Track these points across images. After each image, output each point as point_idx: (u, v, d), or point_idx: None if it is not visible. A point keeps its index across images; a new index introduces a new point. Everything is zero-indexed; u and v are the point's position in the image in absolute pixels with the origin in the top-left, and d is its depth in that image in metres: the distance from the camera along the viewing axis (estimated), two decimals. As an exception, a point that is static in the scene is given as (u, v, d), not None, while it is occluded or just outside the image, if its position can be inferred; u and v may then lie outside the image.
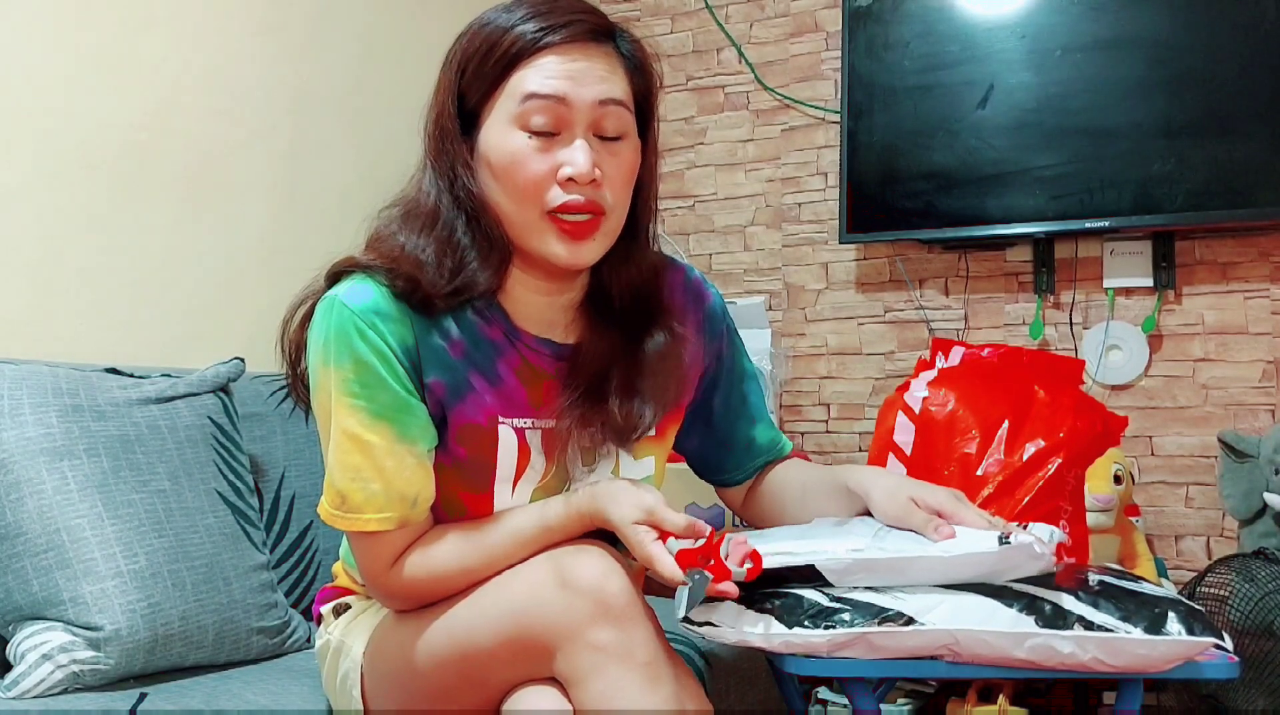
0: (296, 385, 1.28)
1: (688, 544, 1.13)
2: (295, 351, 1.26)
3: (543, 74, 1.13)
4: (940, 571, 1.18)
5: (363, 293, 1.17)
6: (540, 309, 1.26)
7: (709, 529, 1.13)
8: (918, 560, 1.17)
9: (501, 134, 1.15)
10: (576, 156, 1.13)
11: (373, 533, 1.20)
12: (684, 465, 1.49)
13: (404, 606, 1.25)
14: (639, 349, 1.27)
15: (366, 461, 1.18)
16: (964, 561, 1.18)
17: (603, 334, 1.27)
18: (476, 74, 1.16)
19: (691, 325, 1.35)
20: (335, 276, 1.22)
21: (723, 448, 1.44)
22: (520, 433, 1.23)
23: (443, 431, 1.22)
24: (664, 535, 1.13)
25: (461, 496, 1.25)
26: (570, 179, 1.14)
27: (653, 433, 1.30)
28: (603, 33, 1.18)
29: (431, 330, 1.20)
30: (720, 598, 1.12)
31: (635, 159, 1.21)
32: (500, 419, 1.22)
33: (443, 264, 1.17)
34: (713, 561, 1.10)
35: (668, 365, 1.28)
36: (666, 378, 1.28)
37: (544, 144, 1.14)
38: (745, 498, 1.48)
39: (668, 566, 1.10)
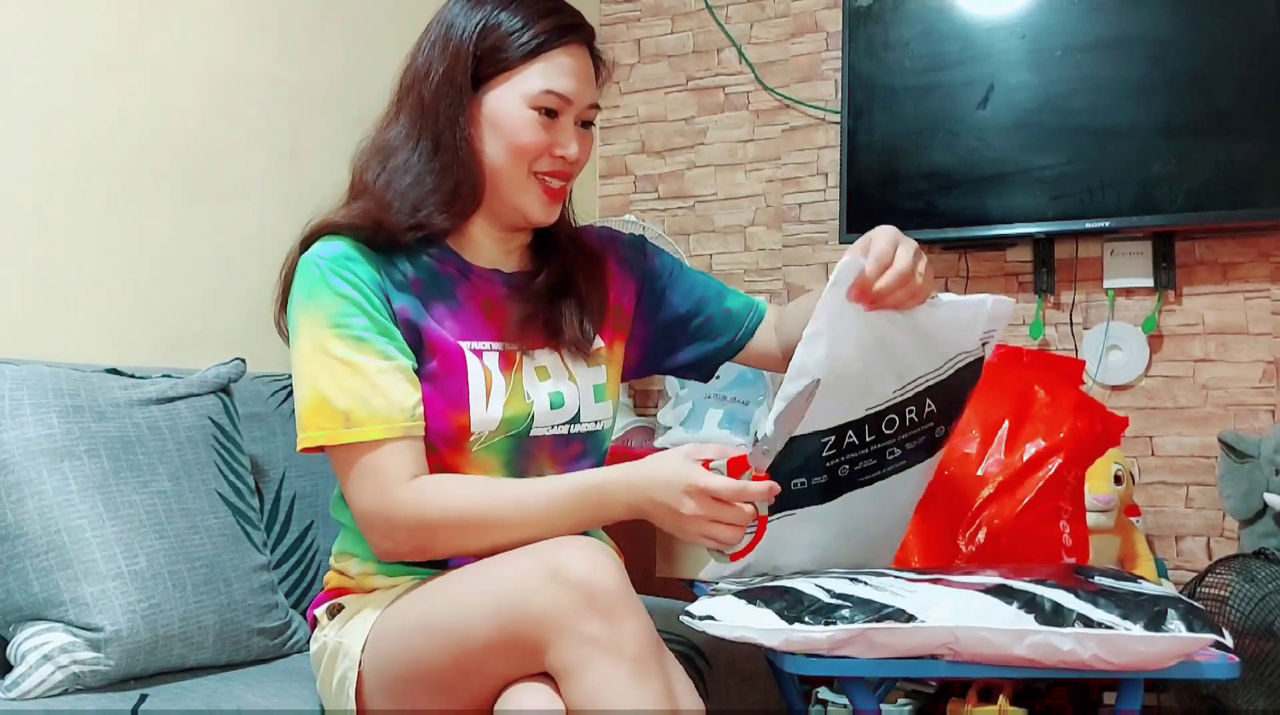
0: (282, 323, 1.41)
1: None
2: (285, 294, 1.39)
3: (559, 72, 1.35)
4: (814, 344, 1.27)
5: (332, 247, 1.34)
6: (492, 250, 1.44)
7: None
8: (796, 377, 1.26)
9: (513, 105, 1.35)
10: (572, 144, 1.37)
11: (379, 446, 1.27)
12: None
13: (408, 543, 1.28)
14: (577, 273, 1.46)
15: (363, 381, 1.28)
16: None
17: (546, 263, 1.46)
18: (496, 49, 1.35)
19: (613, 260, 1.54)
20: (308, 242, 1.37)
21: (709, 332, 1.56)
22: (479, 354, 1.36)
23: (419, 353, 1.34)
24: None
25: (446, 415, 1.33)
26: (562, 157, 1.37)
27: (600, 343, 1.47)
28: (592, 37, 1.42)
29: (394, 270, 1.35)
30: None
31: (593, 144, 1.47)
32: (462, 341, 1.36)
33: (406, 200, 1.34)
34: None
35: (599, 286, 1.49)
36: (601, 296, 1.48)
37: (546, 123, 1.35)
38: (783, 354, 1.57)
39: (738, 488, 1.20)
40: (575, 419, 1.42)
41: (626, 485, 1.24)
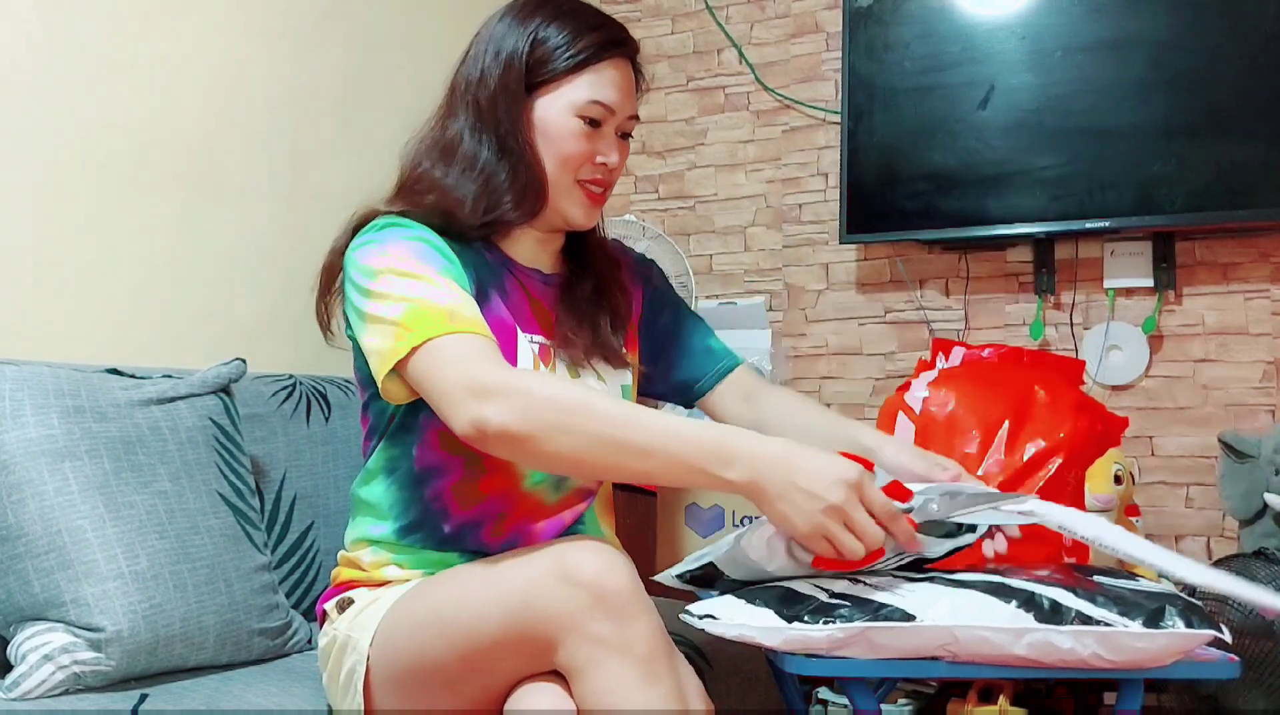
0: (321, 308, 1.45)
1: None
2: (328, 279, 1.43)
3: (606, 83, 1.41)
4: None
5: (400, 221, 1.36)
6: (532, 250, 1.48)
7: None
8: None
9: (561, 113, 1.40)
10: (613, 153, 1.43)
11: (456, 337, 1.24)
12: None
13: (503, 401, 1.18)
14: (609, 281, 1.53)
15: (459, 293, 1.29)
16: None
17: (581, 270, 1.52)
18: (548, 59, 1.40)
19: (626, 269, 1.60)
20: (359, 228, 1.38)
21: (689, 359, 1.61)
22: (528, 337, 1.42)
23: None
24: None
25: None
26: (604, 164, 1.43)
27: (625, 350, 1.52)
28: (635, 52, 1.47)
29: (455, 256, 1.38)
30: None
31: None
32: (516, 326, 1.41)
33: (479, 200, 1.39)
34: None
35: (625, 295, 1.55)
36: (627, 304, 1.55)
37: (590, 132, 1.41)
38: (745, 422, 1.54)
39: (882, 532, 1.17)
40: None
41: (762, 456, 1.15)
